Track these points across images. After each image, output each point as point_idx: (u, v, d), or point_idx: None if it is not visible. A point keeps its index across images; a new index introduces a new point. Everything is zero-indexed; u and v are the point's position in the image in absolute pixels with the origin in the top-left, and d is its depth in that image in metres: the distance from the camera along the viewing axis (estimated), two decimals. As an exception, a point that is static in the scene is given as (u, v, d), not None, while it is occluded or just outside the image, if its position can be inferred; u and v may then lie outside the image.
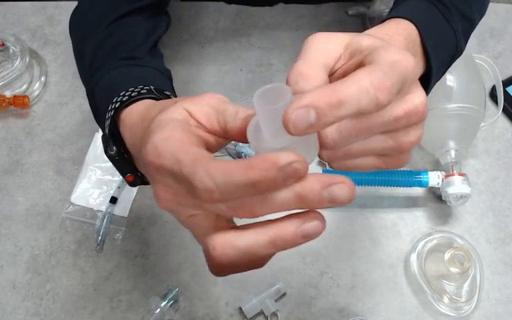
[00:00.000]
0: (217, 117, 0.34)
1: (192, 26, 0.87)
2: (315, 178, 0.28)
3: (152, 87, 0.46)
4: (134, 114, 0.43)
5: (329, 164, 0.34)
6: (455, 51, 0.53)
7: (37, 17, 0.89)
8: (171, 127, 0.32)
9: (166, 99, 0.45)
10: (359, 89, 0.28)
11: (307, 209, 0.30)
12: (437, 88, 0.70)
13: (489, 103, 0.79)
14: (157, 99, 0.45)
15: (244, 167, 0.27)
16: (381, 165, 0.34)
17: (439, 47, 0.48)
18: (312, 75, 0.32)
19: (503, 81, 0.78)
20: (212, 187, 0.28)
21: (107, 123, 0.45)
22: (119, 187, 0.72)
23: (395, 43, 0.42)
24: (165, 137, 0.31)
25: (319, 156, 0.32)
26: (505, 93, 0.77)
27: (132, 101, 0.44)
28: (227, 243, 0.30)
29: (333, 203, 0.28)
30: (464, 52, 0.73)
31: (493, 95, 0.79)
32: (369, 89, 0.28)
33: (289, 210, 0.30)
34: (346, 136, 0.30)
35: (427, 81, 0.47)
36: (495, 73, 0.78)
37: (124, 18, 0.60)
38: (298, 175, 0.28)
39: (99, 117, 0.54)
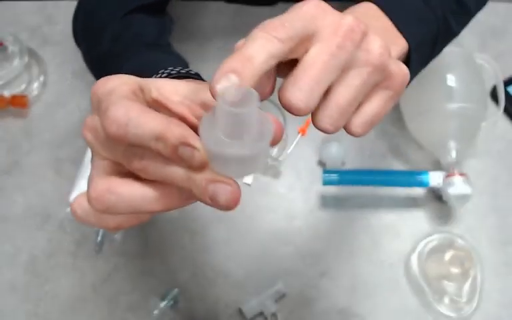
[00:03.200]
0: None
1: (191, 25, 0.87)
2: (209, 171, 0.29)
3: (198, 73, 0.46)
4: None
5: (346, 131, 0.33)
6: (437, 28, 0.51)
7: (36, 16, 0.89)
8: (134, 82, 0.31)
9: None
10: (255, 39, 0.29)
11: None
12: (437, 88, 0.70)
13: (490, 102, 0.78)
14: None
15: (156, 117, 0.28)
16: (388, 94, 0.33)
17: (412, 20, 0.47)
18: None
19: (504, 81, 0.78)
20: (122, 119, 0.27)
21: None
22: (118, 187, 0.72)
23: None
24: (123, 81, 0.31)
25: (325, 130, 0.32)
26: (506, 92, 0.77)
27: (179, 76, 0.45)
28: (111, 186, 0.30)
29: (213, 199, 0.28)
30: (464, 51, 0.74)
31: (493, 95, 0.78)
32: (264, 35, 0.30)
33: (177, 185, 0.30)
34: (307, 88, 0.30)
35: (408, 57, 0.47)
36: (496, 72, 0.78)
37: (133, 13, 0.62)
38: (190, 162, 0.28)
39: None
